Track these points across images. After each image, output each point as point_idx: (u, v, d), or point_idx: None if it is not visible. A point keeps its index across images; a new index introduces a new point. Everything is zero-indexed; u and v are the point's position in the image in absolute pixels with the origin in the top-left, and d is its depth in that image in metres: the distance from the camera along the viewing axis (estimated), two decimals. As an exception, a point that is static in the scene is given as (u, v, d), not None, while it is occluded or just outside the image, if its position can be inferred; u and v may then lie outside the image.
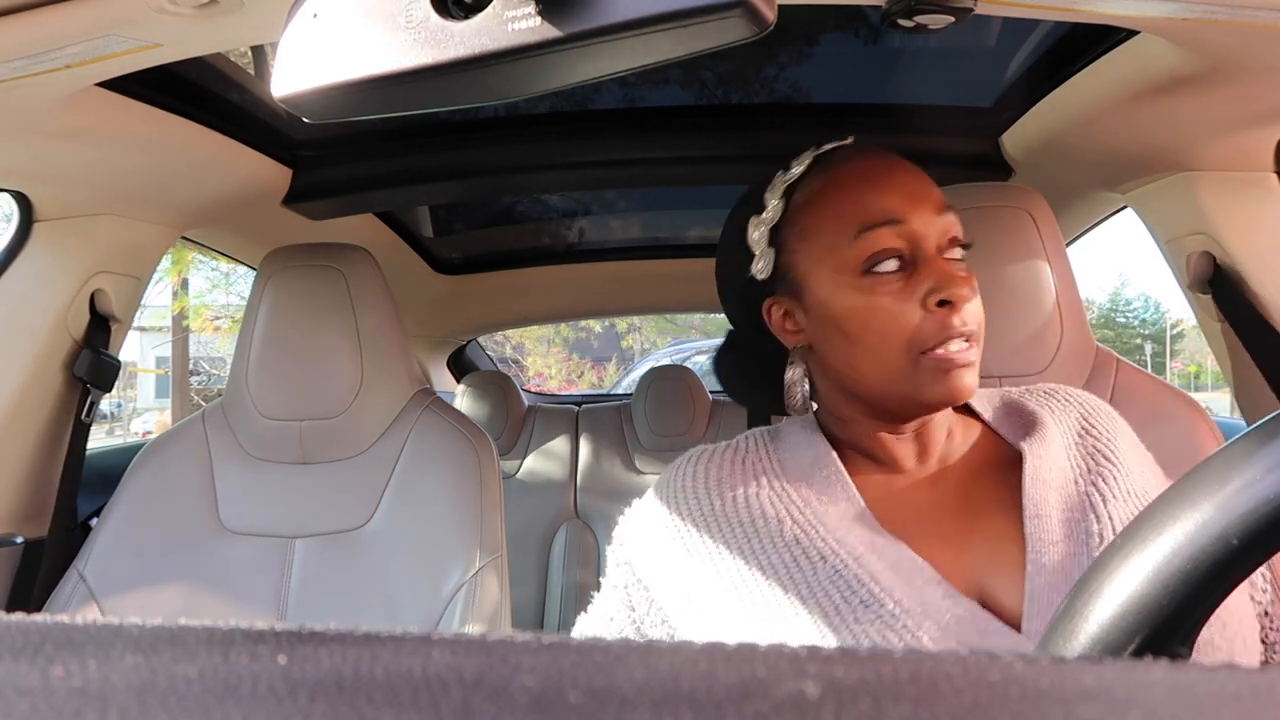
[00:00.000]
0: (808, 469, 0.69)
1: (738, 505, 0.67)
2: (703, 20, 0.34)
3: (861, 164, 0.67)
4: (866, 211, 0.64)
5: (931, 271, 0.63)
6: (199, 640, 0.18)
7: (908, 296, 0.63)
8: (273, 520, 1.17)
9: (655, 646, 0.18)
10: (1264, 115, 0.98)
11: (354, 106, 0.41)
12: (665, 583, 0.68)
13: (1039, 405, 0.72)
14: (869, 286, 0.64)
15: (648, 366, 3.48)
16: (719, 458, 0.72)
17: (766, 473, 0.70)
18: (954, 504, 0.66)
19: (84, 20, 0.68)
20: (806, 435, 0.72)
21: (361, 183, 1.44)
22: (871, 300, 0.64)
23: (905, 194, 0.65)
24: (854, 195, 0.66)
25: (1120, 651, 0.33)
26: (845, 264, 0.65)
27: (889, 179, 0.66)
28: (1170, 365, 32.60)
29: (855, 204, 0.65)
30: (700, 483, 0.70)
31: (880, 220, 0.64)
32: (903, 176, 0.66)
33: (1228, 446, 0.34)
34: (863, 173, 0.67)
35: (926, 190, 0.65)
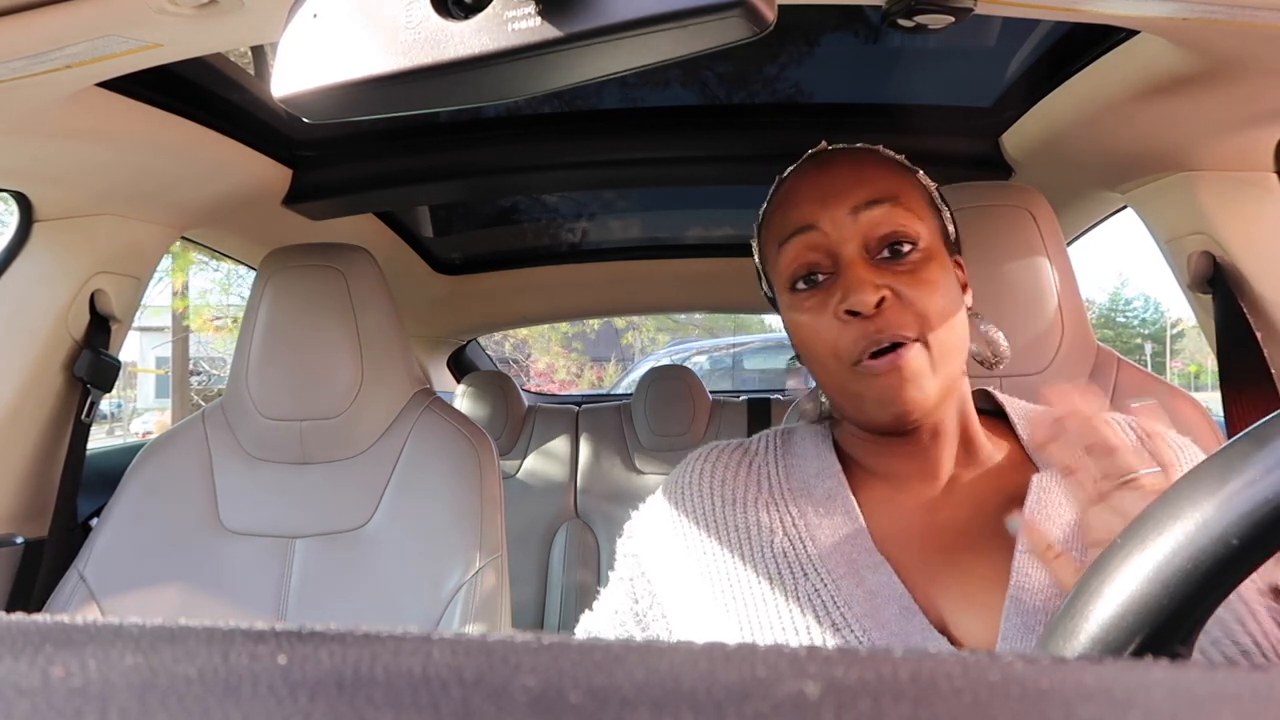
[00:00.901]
0: (811, 480, 0.68)
1: (736, 509, 0.68)
2: (703, 20, 0.34)
3: (795, 176, 0.67)
4: (783, 224, 0.65)
5: (842, 280, 0.61)
6: (199, 640, 0.18)
7: (823, 309, 0.62)
8: (273, 520, 1.17)
9: (655, 646, 0.18)
10: (1264, 115, 0.98)
11: (354, 106, 0.41)
12: (667, 578, 0.69)
13: None
14: (796, 303, 0.64)
15: (648, 366, 3.48)
16: (727, 457, 0.72)
17: (770, 478, 0.70)
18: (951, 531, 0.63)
19: (84, 20, 0.68)
20: (816, 444, 0.71)
21: (361, 183, 1.44)
22: (798, 317, 0.64)
23: (816, 198, 0.63)
24: (779, 210, 0.66)
25: (1120, 651, 0.33)
26: (781, 280, 0.65)
27: (807, 185, 0.64)
28: (1170, 365, 32.59)
29: (778, 219, 0.66)
30: (705, 482, 0.70)
31: (791, 231, 0.63)
32: (822, 177, 0.64)
33: (1227, 446, 0.34)
34: (790, 185, 0.66)
35: (845, 187, 0.63)
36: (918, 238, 0.62)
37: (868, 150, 0.68)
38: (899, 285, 0.60)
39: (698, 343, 8.77)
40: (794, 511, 0.66)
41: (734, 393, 3.09)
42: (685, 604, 0.66)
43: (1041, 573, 0.58)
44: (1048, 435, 0.55)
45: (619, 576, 0.75)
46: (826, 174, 0.65)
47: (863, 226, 0.62)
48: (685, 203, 2.11)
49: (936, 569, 0.61)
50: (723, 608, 0.63)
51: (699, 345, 7.28)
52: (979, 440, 0.67)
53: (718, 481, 0.70)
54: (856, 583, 0.60)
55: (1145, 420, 0.67)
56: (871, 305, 0.59)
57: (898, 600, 0.59)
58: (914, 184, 0.67)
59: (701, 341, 9.39)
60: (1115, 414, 0.70)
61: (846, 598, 0.60)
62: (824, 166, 0.66)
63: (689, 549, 0.67)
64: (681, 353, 6.10)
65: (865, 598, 0.60)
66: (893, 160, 0.68)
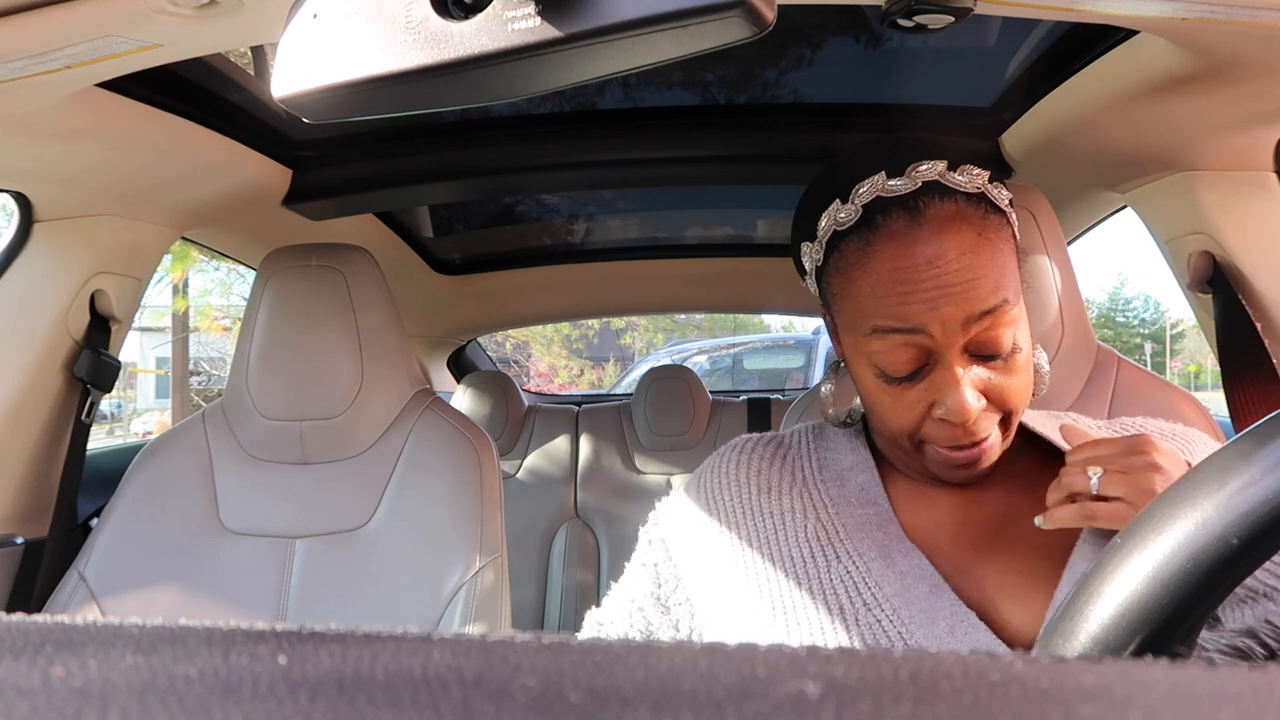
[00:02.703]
0: (845, 473, 0.70)
1: (771, 497, 0.70)
2: (702, 20, 0.34)
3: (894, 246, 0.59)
4: (880, 314, 0.59)
5: (940, 382, 0.59)
6: (199, 640, 0.18)
7: (912, 403, 0.61)
8: (273, 520, 1.17)
9: (655, 646, 0.18)
10: (1264, 115, 0.98)
11: (354, 107, 0.41)
12: (695, 562, 0.71)
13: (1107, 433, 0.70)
14: (878, 385, 0.62)
15: (647, 366, 3.48)
16: (762, 448, 0.74)
17: (804, 470, 0.72)
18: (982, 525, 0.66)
19: (84, 21, 0.68)
20: (850, 440, 0.73)
21: (361, 183, 1.44)
22: (877, 392, 0.62)
23: (929, 303, 0.57)
24: (871, 289, 0.60)
25: (1120, 651, 0.33)
26: (860, 348, 0.62)
27: (914, 280, 0.58)
28: (1170, 365, 32.59)
29: (870, 300, 0.60)
30: (742, 471, 0.72)
31: (890, 328, 0.59)
32: (934, 275, 0.57)
33: (1227, 446, 0.34)
34: (889, 261, 0.59)
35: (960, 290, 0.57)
36: (1016, 339, 0.60)
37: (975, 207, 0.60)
38: (992, 383, 0.60)
39: (698, 342, 8.76)
40: (826, 501, 0.68)
41: (734, 393, 3.09)
42: (715, 587, 0.68)
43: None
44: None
45: (640, 562, 0.76)
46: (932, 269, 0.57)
47: (971, 333, 0.58)
48: (685, 203, 2.11)
49: (968, 561, 0.64)
50: (756, 589, 0.65)
51: (699, 345, 7.27)
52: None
53: (753, 470, 0.72)
54: (887, 564, 0.63)
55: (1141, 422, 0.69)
56: (973, 414, 0.59)
57: (927, 580, 0.61)
58: (1007, 238, 0.62)
59: (701, 341, 9.38)
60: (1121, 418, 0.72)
61: (877, 579, 0.62)
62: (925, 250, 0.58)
63: (721, 533, 0.70)
64: (681, 353, 6.09)
65: (896, 578, 0.62)
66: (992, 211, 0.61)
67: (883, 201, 0.60)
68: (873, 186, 0.61)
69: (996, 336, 0.59)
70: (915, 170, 0.60)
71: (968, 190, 0.60)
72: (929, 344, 0.59)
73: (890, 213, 0.59)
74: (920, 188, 0.60)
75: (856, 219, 0.61)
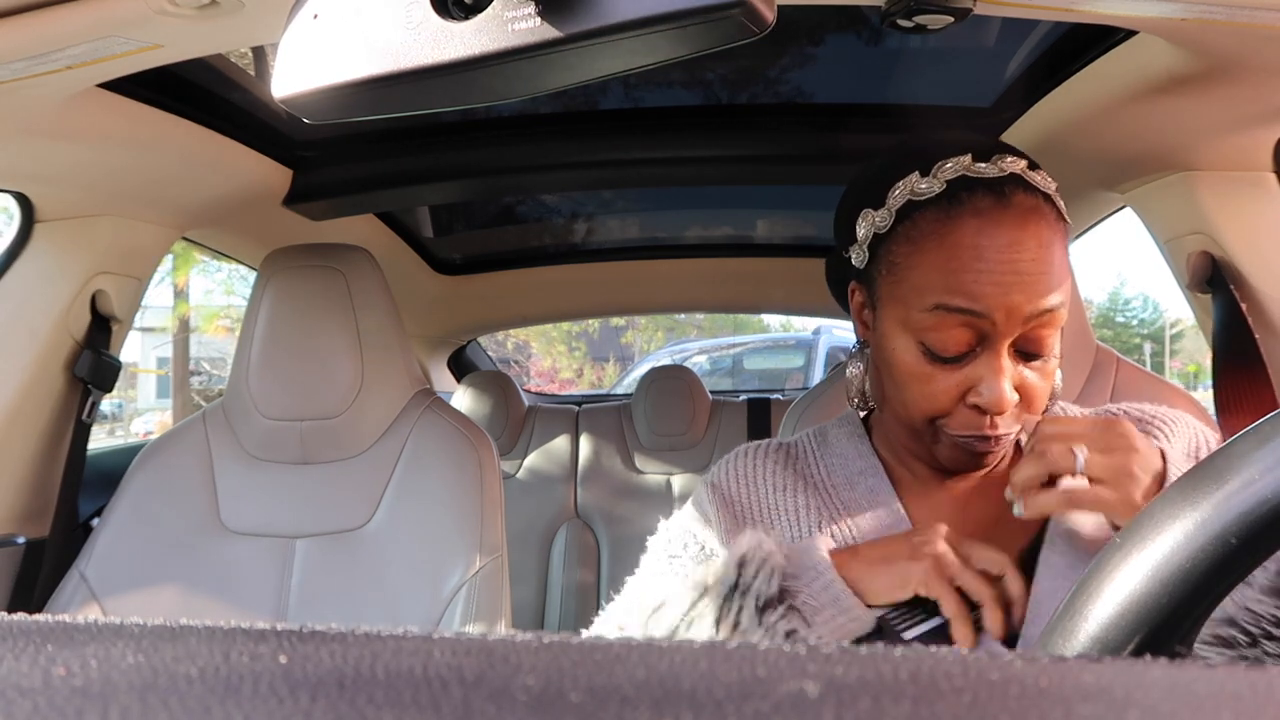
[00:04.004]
0: (854, 477, 0.71)
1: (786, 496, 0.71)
2: (702, 20, 0.34)
3: (976, 224, 0.59)
4: (948, 290, 0.59)
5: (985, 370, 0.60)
6: (200, 640, 0.18)
7: (950, 386, 0.61)
8: (273, 520, 1.17)
9: (655, 646, 0.18)
10: (1264, 115, 0.98)
11: (354, 107, 0.41)
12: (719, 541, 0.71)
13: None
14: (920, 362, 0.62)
15: (648, 366, 3.48)
16: (772, 453, 0.75)
17: (814, 475, 0.73)
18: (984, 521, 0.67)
19: (84, 21, 0.68)
20: (855, 444, 0.73)
21: (361, 183, 1.44)
22: (916, 369, 0.62)
23: (1002, 290, 0.58)
24: (945, 262, 0.59)
25: (1120, 651, 0.33)
26: (910, 323, 0.62)
27: (992, 261, 0.58)
28: (1169, 365, 32.60)
29: (942, 274, 0.59)
30: (756, 472, 0.74)
31: (955, 307, 0.59)
32: (1012, 260, 0.58)
33: (1227, 446, 0.34)
34: (967, 237, 0.59)
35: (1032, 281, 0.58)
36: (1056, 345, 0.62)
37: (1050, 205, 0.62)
38: (1027, 381, 0.61)
39: (698, 342, 8.77)
40: (839, 505, 0.70)
41: (734, 393, 3.09)
42: None
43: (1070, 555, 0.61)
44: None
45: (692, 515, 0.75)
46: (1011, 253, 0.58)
47: (1028, 327, 0.59)
48: (685, 203, 2.11)
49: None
50: None
51: (699, 345, 7.28)
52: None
53: (767, 471, 0.73)
54: None
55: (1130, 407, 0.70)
56: (1008, 409, 0.60)
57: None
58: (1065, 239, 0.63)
59: (702, 341, 9.39)
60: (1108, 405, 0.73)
61: None
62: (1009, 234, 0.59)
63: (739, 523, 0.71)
64: (682, 353, 6.09)
65: None
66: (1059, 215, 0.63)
67: (969, 180, 0.60)
68: (958, 165, 0.61)
69: (1045, 337, 0.60)
70: (1002, 160, 0.61)
71: (1044, 190, 0.62)
72: (988, 329, 0.59)
73: (976, 192, 0.60)
74: (1007, 176, 0.61)
75: (939, 192, 0.61)
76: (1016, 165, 0.62)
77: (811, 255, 2.20)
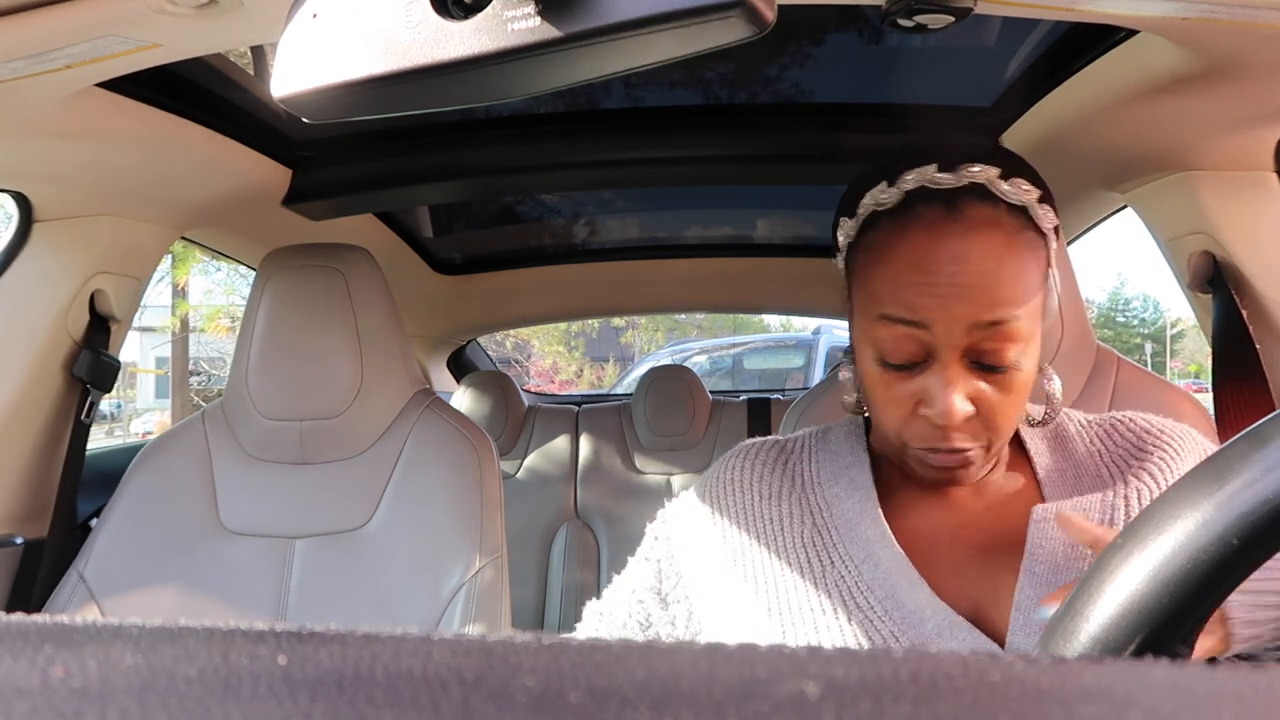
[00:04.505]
0: (840, 472, 0.71)
1: (771, 504, 0.71)
2: (702, 20, 0.34)
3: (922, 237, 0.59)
4: (891, 301, 0.60)
5: (932, 381, 0.59)
6: (199, 640, 0.18)
7: (902, 395, 0.61)
8: (273, 520, 1.17)
9: (655, 646, 0.18)
10: (1264, 115, 0.98)
11: (354, 106, 0.41)
12: (697, 562, 0.72)
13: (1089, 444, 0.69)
14: (875, 370, 0.63)
15: (648, 366, 3.48)
16: (765, 454, 0.75)
17: (803, 474, 0.73)
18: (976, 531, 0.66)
19: (83, 21, 0.68)
20: (850, 443, 0.74)
21: (361, 183, 1.44)
22: (876, 376, 0.63)
23: (940, 301, 0.57)
24: (894, 274, 0.60)
25: (1120, 651, 0.33)
26: (867, 331, 0.63)
27: (931, 272, 0.58)
28: (1170, 365, 32.60)
29: (890, 285, 0.60)
30: (745, 477, 0.73)
31: (899, 317, 0.59)
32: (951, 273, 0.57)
33: (1228, 446, 0.34)
34: (912, 250, 0.59)
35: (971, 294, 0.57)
36: (1019, 359, 0.59)
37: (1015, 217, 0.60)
38: (985, 396, 0.59)
39: (698, 342, 8.76)
40: (821, 504, 0.70)
41: (734, 393, 3.09)
42: (714, 588, 0.70)
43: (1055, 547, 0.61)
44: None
45: (644, 557, 0.78)
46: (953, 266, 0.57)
47: (974, 339, 0.58)
48: (686, 203, 2.11)
49: (964, 566, 0.64)
50: (754, 592, 0.66)
51: (700, 345, 7.27)
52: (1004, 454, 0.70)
53: (755, 477, 0.73)
54: (874, 565, 0.64)
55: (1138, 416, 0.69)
56: (957, 421, 0.59)
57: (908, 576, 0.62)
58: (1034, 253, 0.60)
59: (702, 341, 9.39)
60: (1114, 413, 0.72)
61: (869, 582, 0.63)
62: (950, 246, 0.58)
63: (725, 539, 0.71)
64: (682, 353, 6.09)
65: (883, 578, 0.63)
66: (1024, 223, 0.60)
67: (926, 192, 0.60)
68: (920, 175, 0.60)
69: (999, 349, 0.58)
70: (966, 170, 0.60)
71: (1011, 201, 0.60)
72: (930, 340, 0.59)
73: (931, 203, 0.59)
74: (965, 186, 0.59)
75: (897, 202, 0.61)
76: (984, 175, 0.60)
77: (811, 255, 2.20)
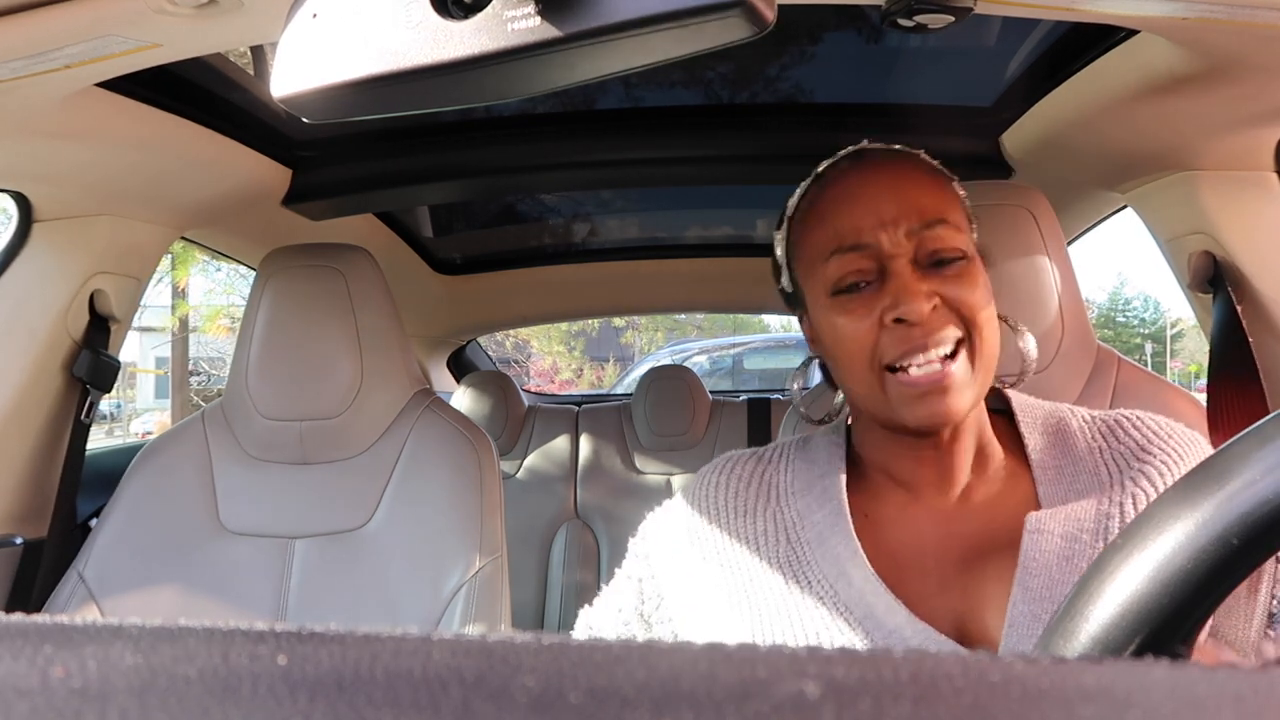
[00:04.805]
0: (814, 481, 0.70)
1: (746, 521, 0.70)
2: (702, 20, 0.34)
3: (842, 183, 0.66)
4: (836, 235, 0.64)
5: (891, 288, 0.62)
6: (199, 640, 0.18)
7: (867, 314, 0.63)
8: (273, 520, 1.17)
9: (655, 646, 0.18)
10: (1264, 115, 0.98)
11: (354, 106, 0.41)
12: (678, 582, 0.71)
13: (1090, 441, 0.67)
14: (838, 306, 0.64)
15: (648, 366, 3.48)
16: (741, 467, 0.74)
17: (778, 488, 0.72)
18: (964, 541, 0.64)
19: (83, 21, 0.68)
20: (828, 452, 0.72)
21: (361, 183, 1.44)
22: (838, 319, 0.64)
23: (875, 215, 0.63)
24: (827, 218, 0.66)
25: (1120, 651, 0.33)
26: (821, 284, 0.66)
27: (861, 199, 0.64)
28: (1170, 365, 32.61)
29: (828, 227, 0.65)
30: (721, 492, 0.73)
31: (847, 245, 0.64)
32: (878, 193, 0.64)
33: (1228, 447, 0.34)
34: (839, 194, 0.66)
35: (900, 210, 0.63)
36: (964, 251, 0.64)
37: (912, 159, 0.68)
38: (946, 290, 0.62)
39: (698, 342, 8.77)
40: (795, 516, 0.68)
41: (734, 393, 3.09)
42: (697, 610, 0.68)
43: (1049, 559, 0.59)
44: None
45: (627, 575, 0.76)
46: (878, 187, 0.64)
47: (915, 243, 0.63)
48: (685, 203, 2.11)
49: (950, 579, 0.62)
50: (737, 615, 0.65)
51: (699, 345, 7.28)
52: (992, 447, 0.68)
53: (731, 493, 0.72)
54: (848, 583, 0.62)
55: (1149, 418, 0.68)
56: (924, 313, 0.60)
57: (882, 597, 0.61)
58: (954, 194, 0.67)
59: (702, 341, 9.39)
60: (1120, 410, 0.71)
61: (845, 601, 0.62)
62: (873, 176, 0.65)
63: (704, 558, 0.69)
64: (682, 353, 6.09)
65: (858, 597, 0.62)
66: (937, 171, 0.68)
67: (833, 164, 0.69)
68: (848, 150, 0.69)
69: (943, 238, 0.63)
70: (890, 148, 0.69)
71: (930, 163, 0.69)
72: (880, 252, 0.62)
73: (839, 165, 0.68)
74: (861, 148, 0.69)
75: (826, 168, 0.69)
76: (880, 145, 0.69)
77: (811, 255, 2.20)
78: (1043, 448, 0.67)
